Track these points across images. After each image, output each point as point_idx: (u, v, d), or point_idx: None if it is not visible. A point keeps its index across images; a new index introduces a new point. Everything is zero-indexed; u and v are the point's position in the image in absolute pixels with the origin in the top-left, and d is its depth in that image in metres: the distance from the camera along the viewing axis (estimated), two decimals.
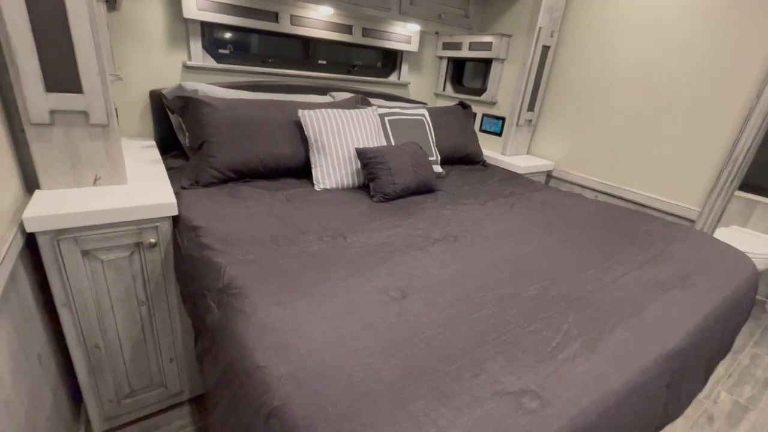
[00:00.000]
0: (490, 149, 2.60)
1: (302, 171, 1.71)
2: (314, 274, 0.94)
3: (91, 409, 1.33)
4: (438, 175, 1.99)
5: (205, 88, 1.79)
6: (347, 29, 2.26)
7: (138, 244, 1.21)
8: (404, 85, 2.73)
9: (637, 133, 2.08)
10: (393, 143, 1.88)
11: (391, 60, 2.65)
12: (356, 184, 1.71)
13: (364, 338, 0.74)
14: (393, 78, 2.67)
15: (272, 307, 0.79)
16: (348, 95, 2.13)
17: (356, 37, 2.31)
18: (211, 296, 0.90)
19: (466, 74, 2.86)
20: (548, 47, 2.29)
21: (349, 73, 2.47)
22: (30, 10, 1.01)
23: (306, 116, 1.67)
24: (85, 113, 1.15)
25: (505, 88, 2.48)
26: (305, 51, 2.29)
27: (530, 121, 2.48)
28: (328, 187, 1.65)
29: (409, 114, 2.01)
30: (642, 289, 1.08)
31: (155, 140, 1.87)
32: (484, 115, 2.64)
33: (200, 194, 1.41)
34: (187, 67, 1.91)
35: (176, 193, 1.41)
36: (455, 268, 1.07)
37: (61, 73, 1.09)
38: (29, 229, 1.02)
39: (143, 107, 1.87)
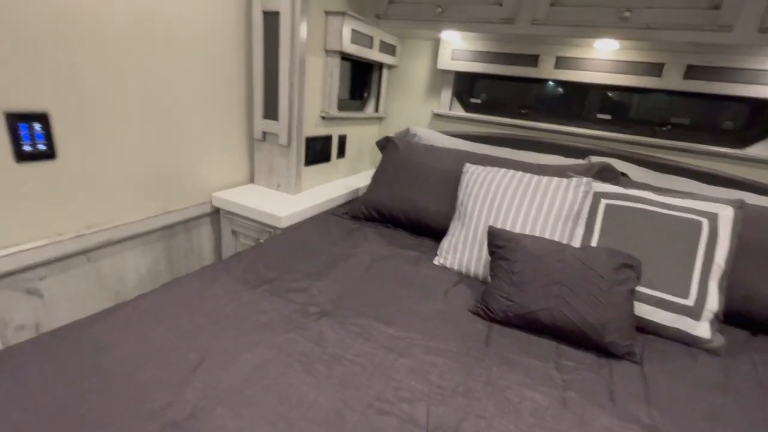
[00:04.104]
0: None
1: (444, 233, 1.36)
2: (190, 342, 0.77)
3: None
4: (690, 341, 0.93)
5: (427, 133, 1.79)
6: (653, 70, 1.49)
7: (258, 239, 1.46)
8: None
9: None
10: (595, 244, 1.08)
11: (760, 117, 1.47)
12: (486, 277, 1.14)
13: None
14: (754, 150, 1.47)
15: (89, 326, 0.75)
16: (603, 160, 1.41)
17: (670, 81, 1.47)
18: None
19: None
20: None
21: (654, 135, 1.62)
22: (265, 64, 1.45)
23: (468, 171, 1.31)
24: (276, 135, 1.51)
25: None
26: (579, 101, 1.73)
27: None
28: (447, 264, 1.21)
29: (668, 207, 1.06)
30: None
31: None
32: None
33: (331, 222, 1.46)
34: (435, 115, 1.99)
35: (321, 214, 1.56)
36: None
37: (271, 106, 1.49)
38: (213, 203, 1.50)
39: None
